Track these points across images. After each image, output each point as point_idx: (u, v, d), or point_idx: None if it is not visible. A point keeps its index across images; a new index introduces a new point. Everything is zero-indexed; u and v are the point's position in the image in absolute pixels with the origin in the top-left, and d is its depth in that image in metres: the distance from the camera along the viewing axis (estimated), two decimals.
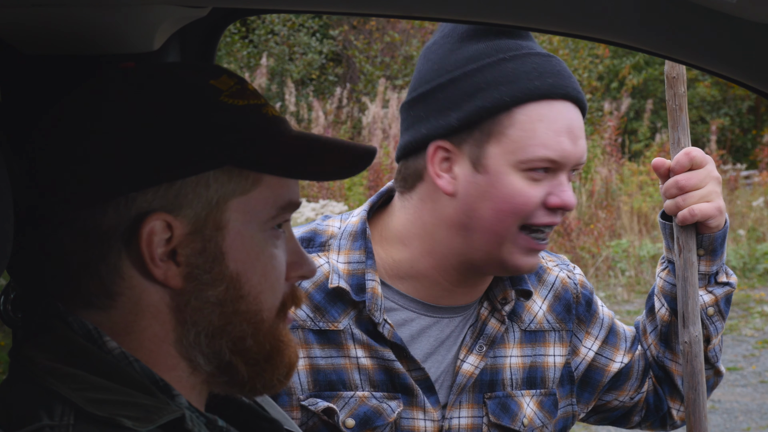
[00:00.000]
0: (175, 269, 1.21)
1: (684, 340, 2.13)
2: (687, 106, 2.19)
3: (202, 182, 1.20)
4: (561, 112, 1.89)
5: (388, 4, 1.37)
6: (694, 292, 2.11)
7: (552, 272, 2.15)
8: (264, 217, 1.25)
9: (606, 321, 2.19)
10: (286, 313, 1.31)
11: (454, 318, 2.00)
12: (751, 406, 7.76)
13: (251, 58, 17.41)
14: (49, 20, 1.37)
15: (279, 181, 1.26)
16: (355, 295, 1.93)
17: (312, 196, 11.74)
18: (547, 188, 1.88)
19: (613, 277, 11.47)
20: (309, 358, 1.92)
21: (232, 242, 1.23)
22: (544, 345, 2.09)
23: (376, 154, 1.30)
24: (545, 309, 2.10)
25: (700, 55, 1.25)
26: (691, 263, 2.11)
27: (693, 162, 2.08)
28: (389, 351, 1.94)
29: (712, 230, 2.11)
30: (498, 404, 2.02)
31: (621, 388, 2.20)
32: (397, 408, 1.94)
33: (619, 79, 19.24)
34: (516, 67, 1.91)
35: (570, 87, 1.91)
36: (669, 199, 2.11)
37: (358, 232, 1.98)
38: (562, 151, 1.87)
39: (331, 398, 1.92)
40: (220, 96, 1.22)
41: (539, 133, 1.87)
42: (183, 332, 1.23)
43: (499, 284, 2.04)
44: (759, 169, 16.75)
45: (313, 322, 1.93)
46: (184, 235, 1.20)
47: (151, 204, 1.18)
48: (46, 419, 1.14)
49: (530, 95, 1.88)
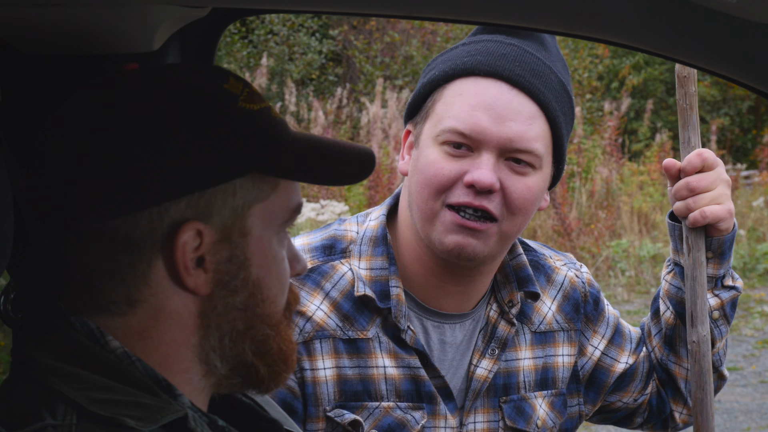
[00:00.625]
0: (204, 276, 1.22)
1: (692, 340, 2.12)
2: (697, 106, 2.19)
3: (229, 190, 1.21)
4: (485, 89, 1.87)
5: (388, 4, 1.37)
6: (703, 292, 2.10)
7: (560, 272, 2.14)
8: (280, 221, 1.27)
9: (612, 320, 2.19)
10: (291, 313, 1.33)
11: (464, 323, 2.00)
12: (751, 406, 7.75)
13: (251, 58, 17.40)
14: (49, 20, 1.37)
15: (291, 184, 1.28)
16: (380, 302, 1.92)
17: (312, 196, 11.74)
18: (465, 166, 1.86)
19: (613, 277, 11.46)
20: (338, 368, 1.92)
21: (254, 248, 1.24)
22: (554, 345, 2.09)
23: (374, 158, 1.32)
24: (554, 309, 2.10)
25: (700, 55, 1.25)
26: (700, 263, 2.10)
27: (705, 164, 2.07)
28: (415, 358, 1.94)
29: (721, 233, 2.09)
30: (513, 408, 2.02)
31: (625, 389, 2.20)
32: (421, 419, 1.93)
33: (619, 79, 19.23)
34: (463, 50, 1.93)
35: (508, 69, 1.87)
36: (679, 200, 2.09)
37: (379, 237, 1.98)
38: (474, 125, 1.84)
39: (356, 409, 1.91)
40: (237, 102, 1.23)
41: (455, 106, 1.87)
42: (205, 336, 1.24)
43: (506, 286, 2.03)
44: (759, 169, 16.74)
45: (343, 332, 1.92)
46: (213, 243, 1.21)
47: (184, 213, 1.19)
48: (48, 419, 1.14)
49: (456, 71, 1.90)
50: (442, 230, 1.87)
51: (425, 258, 1.94)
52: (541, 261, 2.13)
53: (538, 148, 1.87)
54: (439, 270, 1.94)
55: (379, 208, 2.04)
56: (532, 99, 1.87)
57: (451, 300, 1.98)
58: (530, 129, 1.86)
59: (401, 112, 13.32)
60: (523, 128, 1.85)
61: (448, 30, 17.78)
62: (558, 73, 1.94)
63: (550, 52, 1.96)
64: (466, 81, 1.89)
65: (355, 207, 11.45)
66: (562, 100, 1.93)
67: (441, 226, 1.87)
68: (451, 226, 1.86)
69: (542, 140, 1.88)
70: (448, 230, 1.87)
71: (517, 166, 1.87)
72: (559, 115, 1.91)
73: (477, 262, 1.93)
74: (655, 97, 18.95)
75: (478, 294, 2.01)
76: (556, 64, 1.96)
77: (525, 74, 1.88)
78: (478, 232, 1.86)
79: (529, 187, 1.88)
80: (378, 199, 11.36)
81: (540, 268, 2.12)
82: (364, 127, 13.92)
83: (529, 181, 1.88)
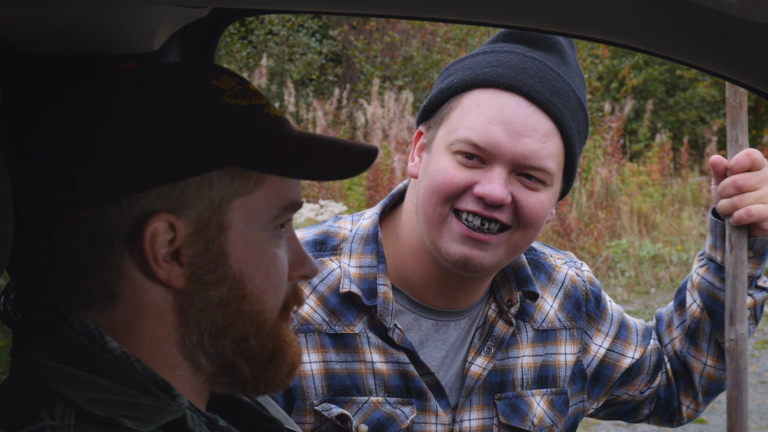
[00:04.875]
0: (179, 270, 1.21)
1: (730, 338, 2.14)
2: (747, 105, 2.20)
3: (205, 183, 1.20)
4: (503, 102, 1.86)
5: (388, 4, 1.37)
6: (743, 290, 2.13)
7: (561, 270, 2.14)
8: (266, 218, 1.25)
9: (616, 316, 2.19)
10: (289, 313, 1.31)
11: (460, 321, 2.00)
12: (751, 406, 7.76)
13: (251, 59, 17.39)
14: (49, 20, 1.37)
15: (281, 181, 1.26)
16: (367, 299, 1.93)
17: (312, 196, 11.74)
18: (476, 176, 1.85)
19: (613, 277, 11.46)
20: (324, 363, 1.92)
21: (235, 242, 1.23)
22: (555, 344, 2.09)
23: (377, 153, 1.30)
24: (556, 307, 2.10)
25: (700, 55, 1.25)
26: (742, 261, 2.12)
27: (753, 163, 2.09)
28: (403, 354, 1.94)
29: (765, 233, 2.12)
30: (508, 405, 2.02)
31: (632, 382, 2.20)
32: (410, 414, 1.93)
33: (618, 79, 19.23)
34: (484, 59, 1.92)
35: (528, 84, 1.86)
36: (725, 198, 2.10)
37: (370, 235, 1.98)
38: (489, 139, 1.83)
39: (344, 403, 1.92)
40: (222, 96, 1.22)
41: (472, 116, 1.86)
42: (186, 332, 1.23)
43: (505, 286, 2.03)
44: None
45: (329, 326, 1.92)
46: (188, 235, 1.20)
47: (154, 205, 1.19)
48: (47, 419, 1.14)
49: (476, 81, 1.89)
50: (449, 239, 1.86)
51: (426, 262, 1.94)
52: (542, 260, 2.13)
53: (550, 166, 1.87)
54: (438, 274, 1.94)
55: (374, 207, 2.04)
56: (549, 116, 1.86)
57: (447, 300, 1.98)
58: (545, 147, 1.85)
59: (401, 113, 13.32)
60: (538, 146, 1.85)
61: (448, 30, 17.77)
62: (576, 89, 1.93)
63: (570, 67, 1.95)
64: (484, 92, 1.88)
65: (354, 207, 11.44)
66: (578, 118, 1.92)
67: (448, 234, 1.86)
68: (458, 236, 1.86)
69: (555, 158, 1.88)
70: (455, 240, 1.86)
71: (528, 182, 1.87)
72: (574, 133, 1.90)
73: (482, 274, 1.93)
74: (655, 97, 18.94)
75: (476, 295, 2.01)
76: (575, 79, 1.95)
77: (544, 91, 1.87)
78: (486, 243, 1.86)
79: (541, 202, 1.88)
80: (378, 199, 11.36)
81: (540, 267, 2.12)
82: (362, 127, 13.91)
83: (541, 196, 1.88)
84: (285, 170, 1.25)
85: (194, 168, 1.19)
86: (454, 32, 17.71)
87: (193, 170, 1.19)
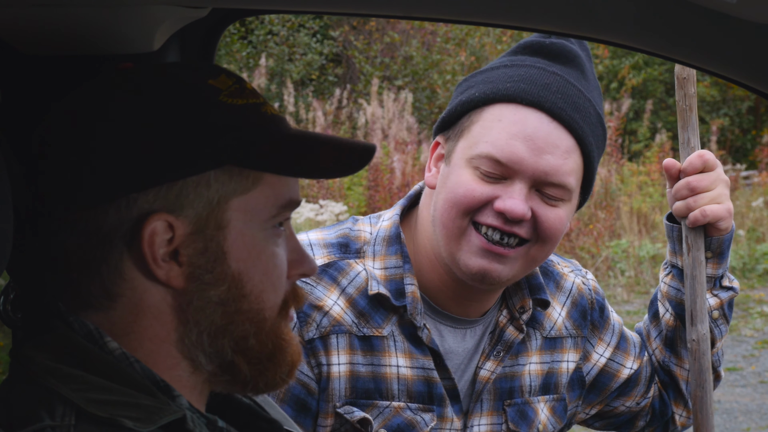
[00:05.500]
0: (178, 269, 1.21)
1: (692, 338, 2.12)
2: (697, 107, 2.20)
3: (203, 182, 1.20)
4: (525, 118, 1.85)
5: (388, 4, 1.37)
6: (702, 291, 2.11)
7: (568, 278, 2.14)
8: (265, 216, 1.25)
9: (617, 327, 2.19)
10: (288, 312, 1.31)
11: (475, 328, 2.01)
12: (751, 406, 7.75)
13: (250, 59, 17.40)
14: (49, 20, 1.37)
15: (279, 179, 1.26)
16: (395, 300, 1.92)
17: (312, 196, 11.73)
18: (497, 191, 1.85)
19: (613, 277, 11.46)
20: (351, 365, 1.91)
21: (233, 241, 1.23)
22: (561, 351, 2.09)
23: (375, 151, 1.30)
24: (564, 316, 2.10)
25: (699, 56, 1.25)
26: (700, 262, 2.11)
27: (705, 165, 2.08)
28: (429, 359, 1.93)
29: (721, 232, 2.10)
30: (516, 411, 2.02)
31: (629, 394, 2.20)
32: (431, 422, 1.93)
33: (618, 79, 19.24)
34: (505, 73, 1.91)
35: (550, 101, 1.86)
36: (679, 200, 2.09)
37: (393, 236, 1.97)
38: (511, 155, 1.83)
39: (366, 407, 1.91)
40: (219, 96, 1.22)
41: (494, 131, 1.86)
42: (185, 332, 1.23)
43: (518, 293, 2.03)
44: (758, 169, 16.74)
45: (358, 328, 1.92)
46: (186, 235, 1.20)
47: (153, 204, 1.18)
48: (47, 420, 1.14)
49: (498, 96, 1.88)
50: (468, 251, 1.86)
51: (441, 272, 1.94)
52: (550, 267, 2.14)
53: (571, 183, 1.87)
54: (453, 284, 1.94)
55: (391, 209, 2.03)
56: (571, 133, 1.86)
57: (462, 308, 1.98)
58: (566, 163, 1.85)
59: (401, 113, 13.31)
60: (559, 162, 1.85)
61: (448, 30, 17.78)
62: (595, 104, 1.93)
63: (589, 81, 1.95)
64: (506, 107, 1.87)
65: (354, 207, 11.44)
66: (597, 133, 1.92)
67: (467, 247, 1.86)
68: (477, 249, 1.86)
69: (575, 174, 1.88)
70: (474, 253, 1.86)
71: (548, 198, 1.87)
72: (594, 149, 1.90)
73: (498, 287, 1.93)
74: (655, 97, 18.95)
75: (489, 304, 2.01)
76: (593, 93, 1.95)
77: (566, 107, 1.87)
78: (504, 257, 1.86)
79: (560, 217, 1.88)
80: (377, 199, 11.35)
81: (549, 274, 2.12)
82: (362, 127, 13.91)
83: (560, 211, 1.88)
84: (283, 169, 1.25)
85: (192, 167, 1.19)
86: (454, 32, 17.72)
87: (192, 170, 1.19)
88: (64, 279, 1.21)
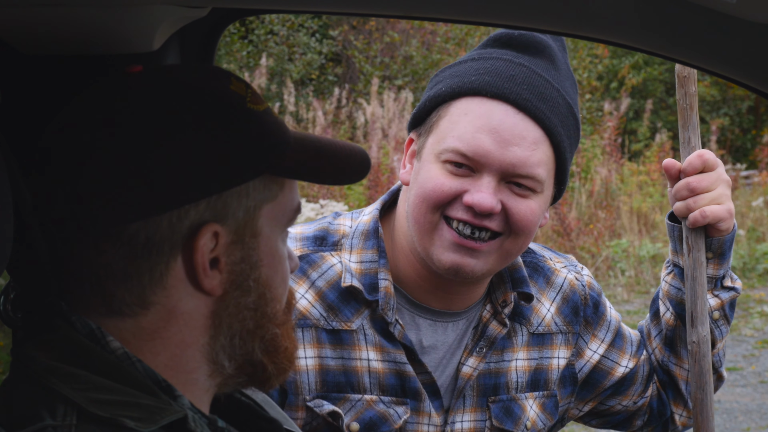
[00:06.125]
0: (219, 277, 1.22)
1: (692, 340, 2.12)
2: (698, 106, 2.19)
3: (243, 191, 1.22)
4: (490, 111, 1.85)
5: (388, 4, 1.37)
6: (703, 292, 2.10)
7: (560, 274, 2.13)
8: (284, 221, 1.28)
9: (613, 324, 2.18)
10: (291, 310, 1.33)
11: (458, 322, 2.00)
12: (751, 406, 7.75)
13: (251, 58, 17.39)
14: (50, 20, 1.37)
15: (292, 185, 1.29)
16: (368, 294, 1.92)
17: (312, 196, 11.74)
18: (465, 185, 1.85)
19: (613, 277, 11.46)
20: (319, 358, 1.92)
21: (264, 248, 1.25)
22: (551, 347, 2.08)
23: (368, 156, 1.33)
24: (553, 311, 2.09)
25: (699, 55, 1.25)
26: (700, 263, 2.10)
27: (705, 164, 2.07)
28: (402, 353, 1.93)
29: (721, 233, 2.09)
30: (501, 408, 2.01)
31: (625, 393, 2.19)
32: (404, 414, 1.93)
33: (618, 79, 19.24)
34: (472, 66, 1.92)
35: (515, 92, 1.86)
36: (679, 200, 2.09)
37: (371, 231, 1.98)
38: (477, 148, 1.83)
39: (337, 400, 1.91)
40: (245, 103, 1.23)
41: (460, 125, 1.86)
42: (215, 336, 1.24)
43: (500, 287, 2.03)
44: (758, 169, 16.74)
45: (326, 322, 1.92)
46: (227, 244, 1.22)
47: (203, 215, 1.19)
48: (48, 419, 1.14)
49: (464, 89, 1.88)
50: (440, 246, 1.87)
51: (418, 266, 1.95)
52: (540, 263, 2.13)
53: (540, 174, 1.86)
54: (431, 278, 1.95)
55: (373, 204, 2.04)
56: (538, 124, 1.86)
57: (443, 301, 1.98)
58: (533, 155, 1.85)
59: (401, 112, 13.32)
60: (526, 154, 1.84)
61: (447, 30, 17.78)
62: (566, 94, 1.92)
63: (560, 71, 1.94)
64: (472, 100, 1.87)
65: (354, 206, 11.44)
66: (568, 123, 1.91)
67: (439, 242, 1.87)
68: (449, 243, 1.86)
69: (545, 165, 1.87)
70: (446, 248, 1.86)
71: (518, 189, 1.87)
72: (564, 139, 1.89)
73: (474, 280, 1.93)
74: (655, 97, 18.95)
75: (473, 297, 2.01)
76: (564, 83, 1.93)
77: (532, 98, 1.86)
78: (477, 251, 1.86)
79: (531, 209, 1.88)
80: (377, 198, 11.35)
81: (539, 270, 2.11)
82: (362, 127, 13.91)
83: (531, 203, 1.88)
84: (308, 176, 1.28)
85: (242, 177, 1.21)
86: (454, 32, 17.72)
87: (241, 179, 1.21)
88: (93, 288, 1.20)
